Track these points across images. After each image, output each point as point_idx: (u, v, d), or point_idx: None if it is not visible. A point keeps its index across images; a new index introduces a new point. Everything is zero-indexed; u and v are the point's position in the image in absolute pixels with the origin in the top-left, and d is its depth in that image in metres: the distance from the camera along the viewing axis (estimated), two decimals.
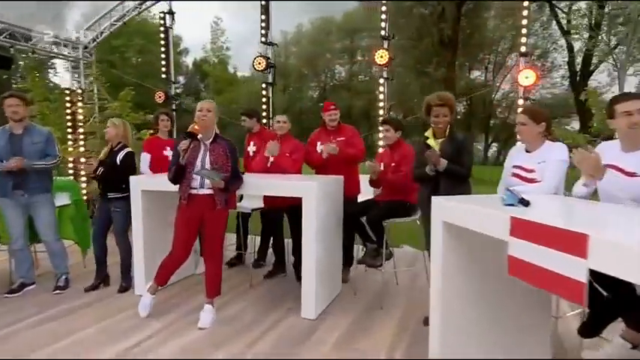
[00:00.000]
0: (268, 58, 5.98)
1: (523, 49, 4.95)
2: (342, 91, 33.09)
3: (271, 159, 4.13)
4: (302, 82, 36.50)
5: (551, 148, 2.69)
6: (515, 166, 2.84)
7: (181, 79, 35.54)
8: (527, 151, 2.81)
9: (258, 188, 3.55)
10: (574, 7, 19.44)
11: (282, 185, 3.50)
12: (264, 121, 6.25)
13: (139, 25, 22.77)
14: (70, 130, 7.33)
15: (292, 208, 4.18)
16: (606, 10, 18.53)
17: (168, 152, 4.60)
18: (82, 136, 7.30)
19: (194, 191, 3.24)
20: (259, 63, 5.93)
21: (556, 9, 19.77)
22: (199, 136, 3.17)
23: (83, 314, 3.54)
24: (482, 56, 28.37)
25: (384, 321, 3.41)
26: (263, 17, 6.05)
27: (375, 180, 3.88)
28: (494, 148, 33.56)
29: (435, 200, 2.44)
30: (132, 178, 3.88)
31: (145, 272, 3.91)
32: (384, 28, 5.54)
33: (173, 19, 6.81)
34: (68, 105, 7.42)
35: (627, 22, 18.62)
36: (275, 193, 3.58)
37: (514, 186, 2.79)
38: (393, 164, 3.79)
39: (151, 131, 6.38)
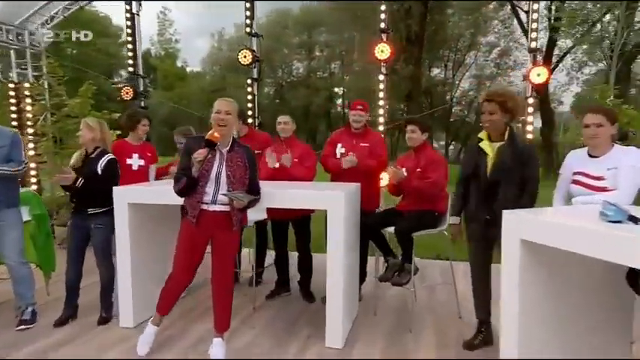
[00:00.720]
0: (254, 50, 5.56)
1: (533, 44, 4.84)
2: (300, 88, 32.84)
3: (276, 165, 3.77)
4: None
5: (624, 152, 2.50)
6: (577, 173, 2.64)
7: (124, 72, 33.92)
8: (591, 156, 2.60)
9: (276, 200, 3.15)
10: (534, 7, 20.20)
11: (304, 196, 3.15)
12: (250, 120, 5.82)
13: (73, 12, 21.23)
14: (16, 130, 6.52)
15: (300, 219, 3.87)
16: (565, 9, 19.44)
17: (134, 160, 4.16)
18: (31, 137, 6.53)
19: (205, 207, 2.80)
20: (245, 56, 5.49)
21: (517, 8, 20.47)
22: (218, 144, 2.74)
23: (59, 356, 2.99)
24: (442, 54, 29.08)
25: (420, 346, 3.14)
26: (247, 5, 5.61)
27: (396, 187, 3.60)
28: (451, 146, 34.48)
29: (510, 215, 2.17)
30: (116, 189, 3.39)
31: (133, 300, 3.43)
32: (384, 20, 5.27)
33: (140, 5, 6.22)
34: (13, 101, 6.62)
35: (584, 22, 19.70)
36: (296, 206, 3.21)
37: (578, 195, 2.60)
38: (418, 169, 3.52)
39: (118, 132, 5.81)
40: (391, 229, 3.52)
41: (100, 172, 3.40)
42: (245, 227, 3.57)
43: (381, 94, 5.30)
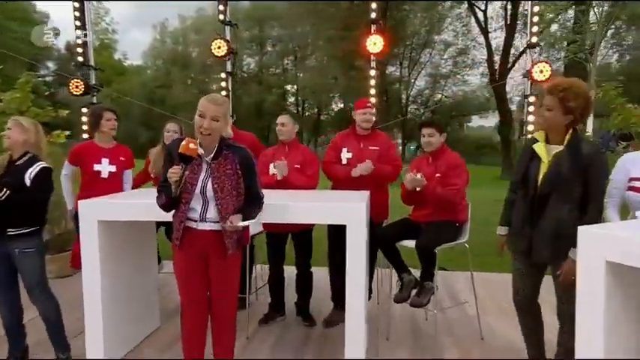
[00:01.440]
0: (228, 40, 5.08)
1: (534, 39, 4.71)
2: (251, 84, 32.14)
3: (285, 172, 3.39)
4: (206, 74, 34.71)
5: None
6: (633, 179, 2.44)
7: (51, 64, 31.82)
8: None
9: (287, 215, 2.74)
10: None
11: (319, 210, 2.76)
12: None
13: None
14: None
15: (301, 231, 3.49)
16: (520, 9, 20.19)
17: (103, 166, 3.62)
18: None
19: (192, 224, 2.34)
20: (219, 47, 4.99)
21: (474, 7, 20.99)
22: (200, 151, 2.27)
23: None
24: (398, 51, 29.37)
25: None
26: None
27: (411, 195, 3.30)
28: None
29: (590, 232, 1.91)
30: (84, 204, 2.86)
31: (104, 336, 2.91)
32: (375, 10, 4.97)
33: None
34: None
35: (540, 22, 20.53)
36: (309, 221, 2.85)
37: (636, 203, 2.41)
38: (437, 175, 3.25)
39: (67, 133, 5.16)
40: (407, 242, 3.23)
41: (28, 182, 2.74)
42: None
43: (372, 92, 5.00)
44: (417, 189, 3.18)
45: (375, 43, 4.81)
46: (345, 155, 3.58)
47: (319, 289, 3.81)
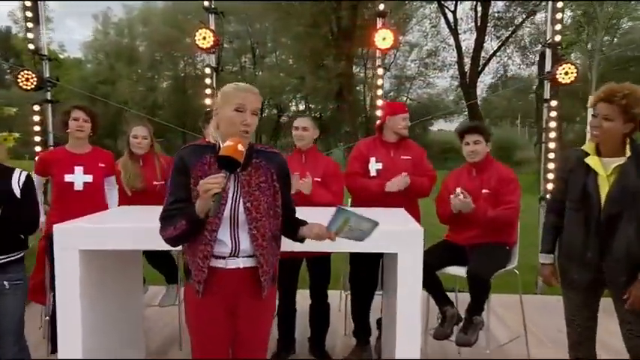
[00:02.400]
0: (214, 31, 4.60)
1: (557, 37, 4.52)
2: (206, 84, 31.14)
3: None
4: (154, 71, 33.50)
5: None
6: None
7: None
8: None
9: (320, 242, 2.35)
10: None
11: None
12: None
13: None
14: None
15: (319, 256, 3.10)
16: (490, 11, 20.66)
17: (76, 176, 3.14)
18: None
19: (219, 263, 1.87)
20: (204, 37, 4.50)
21: (444, 7, 21.29)
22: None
23: None
24: (362, 51, 29.41)
25: None
26: None
27: (451, 214, 2.99)
28: None
29: None
30: (61, 230, 2.38)
31: None
32: (382, 1, 4.65)
33: None
34: None
35: (509, 25, 21.10)
36: (352, 248, 2.43)
37: None
38: (485, 191, 2.95)
39: (16, 135, 4.53)
40: (452, 269, 2.91)
41: (18, 194, 2.31)
42: None
43: (379, 92, 4.68)
44: (455, 211, 2.90)
45: (384, 38, 4.49)
46: (375, 166, 3.24)
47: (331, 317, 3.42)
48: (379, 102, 4.69)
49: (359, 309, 3.32)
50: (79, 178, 3.11)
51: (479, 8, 20.77)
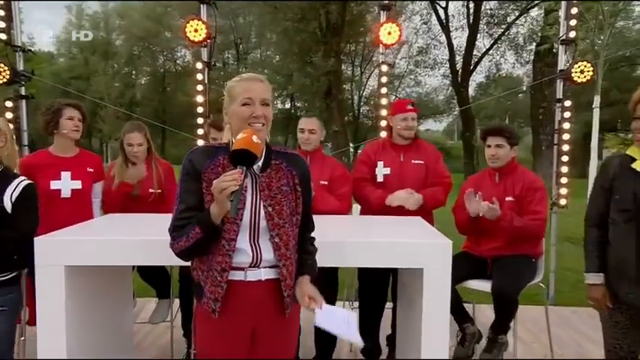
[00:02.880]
0: (205, 22, 4.38)
1: (572, 33, 4.41)
2: (187, 79, 30.71)
3: None
4: (133, 66, 33.03)
5: None
6: None
7: None
8: None
9: (338, 256, 2.19)
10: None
11: (385, 249, 2.22)
12: (200, 121, 4.63)
13: None
14: None
15: (325, 269, 2.92)
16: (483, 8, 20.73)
17: (63, 183, 2.95)
18: None
19: (238, 275, 1.68)
20: (196, 30, 4.29)
21: (436, 3, 21.29)
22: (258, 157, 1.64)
23: None
24: (350, 48, 29.33)
25: None
26: None
27: (475, 223, 2.85)
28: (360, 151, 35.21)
29: None
30: (44, 244, 2.18)
31: None
32: None
33: None
34: None
35: (502, 22, 21.19)
36: (371, 263, 2.30)
37: None
38: (509, 199, 2.81)
39: None
40: (474, 284, 2.76)
41: (9, 206, 2.15)
42: None
43: (384, 90, 4.51)
44: (481, 214, 2.74)
45: (389, 33, 4.33)
46: (382, 171, 3.09)
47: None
48: (383, 101, 4.52)
49: (369, 326, 3.15)
50: (66, 184, 2.91)
51: (471, 5, 20.82)
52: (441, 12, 21.56)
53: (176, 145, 25.94)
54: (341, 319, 1.74)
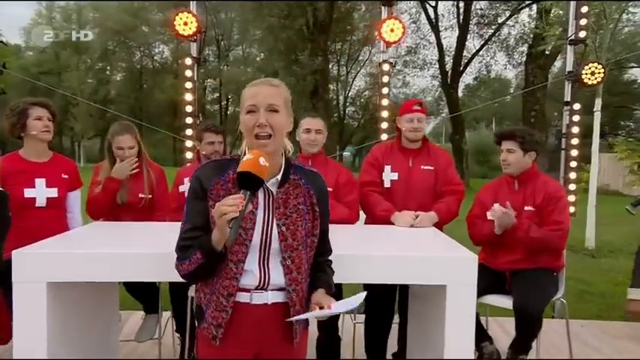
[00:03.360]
0: (196, 15, 4.20)
1: (582, 33, 4.36)
2: (165, 77, 30.66)
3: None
4: (107, 61, 32.49)
5: None
6: None
7: None
8: None
9: (355, 272, 2.06)
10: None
11: (405, 263, 2.10)
12: (189, 121, 4.44)
13: None
14: None
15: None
16: (473, 8, 20.86)
17: (37, 190, 2.78)
18: None
19: (244, 297, 1.57)
20: (185, 23, 4.09)
21: (425, 2, 21.35)
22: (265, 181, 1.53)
23: None
24: (335, 47, 29.32)
25: None
26: None
27: (490, 236, 2.76)
28: (346, 152, 35.13)
29: None
30: (22, 257, 2.02)
31: None
32: None
33: None
34: None
35: (493, 23, 21.33)
36: (392, 279, 2.18)
37: None
38: (528, 208, 2.72)
39: None
40: (492, 299, 2.66)
41: None
42: None
43: (385, 90, 4.39)
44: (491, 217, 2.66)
45: (392, 30, 4.22)
46: (389, 176, 2.98)
47: None
48: (384, 101, 4.42)
49: (376, 343, 3.03)
50: (41, 192, 2.73)
51: (461, 4, 20.91)
52: (431, 11, 21.61)
53: (154, 145, 25.55)
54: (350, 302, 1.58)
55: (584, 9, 4.33)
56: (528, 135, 2.77)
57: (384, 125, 4.40)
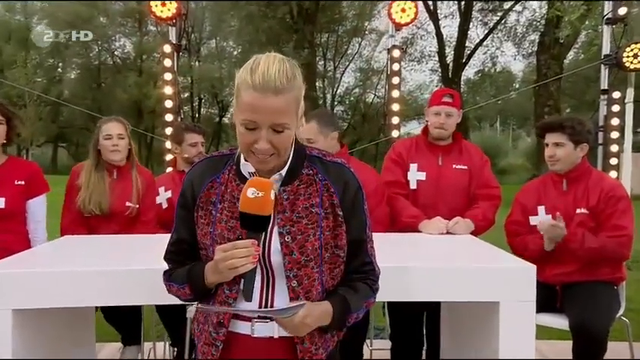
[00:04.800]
0: None
1: (622, 10, 4.32)
2: (128, 74, 30.56)
3: None
4: (59, 57, 32.09)
5: None
6: None
7: None
8: None
9: (398, 290, 1.95)
10: None
11: (455, 278, 2.00)
12: (169, 118, 4.30)
13: None
14: None
15: None
16: None
17: None
18: None
19: (244, 329, 1.43)
20: (163, 4, 3.94)
21: None
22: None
23: None
24: (321, 40, 29.34)
25: None
26: None
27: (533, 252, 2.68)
28: None
29: None
30: None
31: None
32: None
33: None
34: None
35: (498, 9, 21.50)
36: (441, 297, 2.08)
37: None
38: (580, 211, 2.63)
39: None
40: (543, 319, 2.57)
41: None
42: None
43: (396, 80, 4.30)
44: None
45: (403, 10, 4.14)
46: (415, 176, 2.90)
47: None
48: (395, 93, 4.33)
49: None
50: None
51: None
52: None
53: None
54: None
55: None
56: (578, 124, 2.68)
57: (395, 120, 4.30)
